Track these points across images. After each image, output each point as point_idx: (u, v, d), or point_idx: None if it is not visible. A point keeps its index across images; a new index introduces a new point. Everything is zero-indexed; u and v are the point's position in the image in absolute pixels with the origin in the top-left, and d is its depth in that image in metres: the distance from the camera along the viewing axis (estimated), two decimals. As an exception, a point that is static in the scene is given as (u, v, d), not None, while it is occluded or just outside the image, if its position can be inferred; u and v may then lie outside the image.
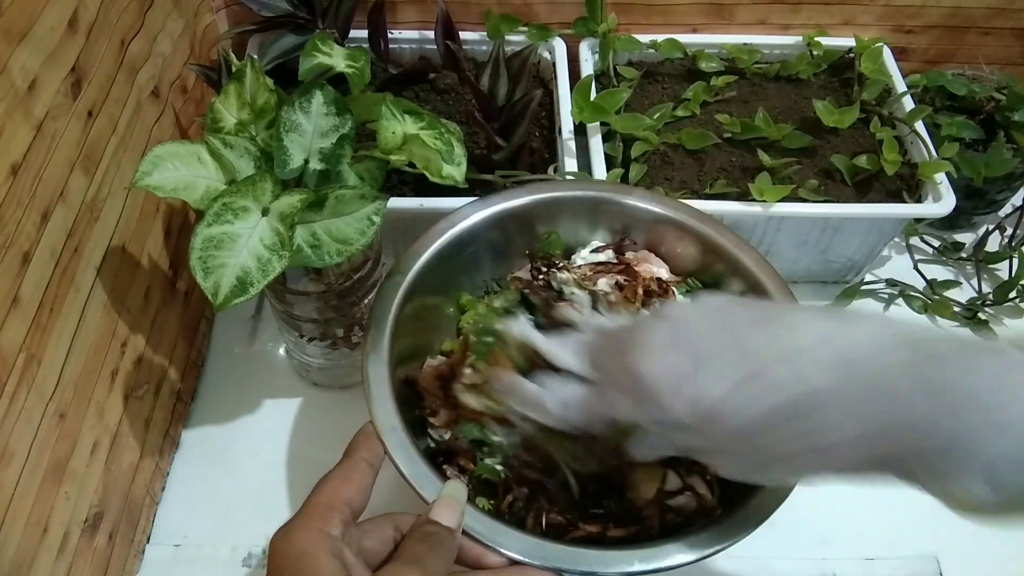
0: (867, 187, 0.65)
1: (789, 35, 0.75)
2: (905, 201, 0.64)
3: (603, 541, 0.45)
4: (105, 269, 0.49)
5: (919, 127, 0.66)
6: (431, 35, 0.71)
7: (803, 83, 0.73)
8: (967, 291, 0.71)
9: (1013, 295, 0.68)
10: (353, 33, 0.69)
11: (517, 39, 0.72)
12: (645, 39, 0.72)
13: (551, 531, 0.46)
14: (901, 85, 0.70)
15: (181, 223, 0.61)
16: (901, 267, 0.71)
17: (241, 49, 0.70)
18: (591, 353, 0.43)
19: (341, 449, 0.43)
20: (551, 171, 0.62)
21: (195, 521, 0.56)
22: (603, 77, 0.72)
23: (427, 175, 0.51)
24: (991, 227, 0.71)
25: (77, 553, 0.46)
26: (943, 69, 0.74)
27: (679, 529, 0.45)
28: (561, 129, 0.66)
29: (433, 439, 0.49)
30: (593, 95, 0.66)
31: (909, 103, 0.68)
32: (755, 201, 0.61)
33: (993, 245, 0.72)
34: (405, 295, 0.50)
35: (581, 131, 0.66)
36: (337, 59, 0.51)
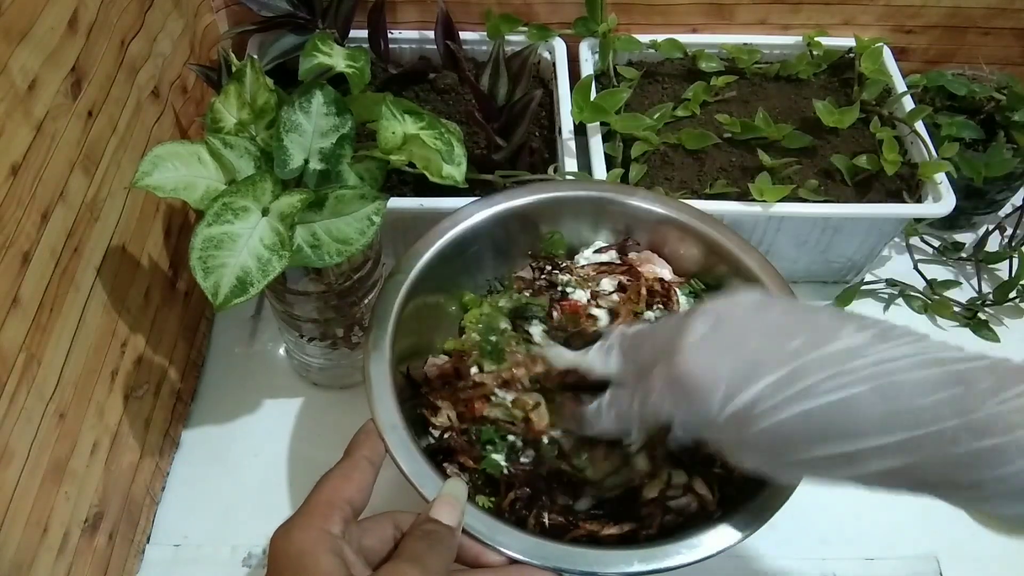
0: (867, 187, 0.65)
1: (789, 35, 0.75)
2: (905, 201, 0.64)
3: (602, 540, 0.45)
4: (105, 269, 0.49)
5: (919, 127, 0.66)
6: (431, 35, 0.71)
7: (803, 83, 0.73)
8: (967, 291, 0.71)
9: (1013, 295, 0.68)
10: (353, 33, 0.69)
11: (517, 39, 0.72)
12: (645, 39, 0.72)
13: (552, 531, 0.45)
14: (901, 85, 0.70)
15: (181, 223, 0.61)
16: (901, 267, 0.71)
17: (241, 49, 0.70)
18: (627, 355, 0.43)
19: (341, 449, 0.43)
20: (551, 171, 0.62)
21: (195, 521, 0.56)
22: (603, 77, 0.72)
23: (427, 175, 0.51)
24: (991, 227, 0.71)
25: (77, 553, 0.46)
26: (943, 69, 0.74)
27: (679, 529, 0.45)
28: (561, 129, 0.66)
29: (433, 437, 0.49)
30: (593, 95, 0.66)
31: (909, 103, 0.68)
32: (755, 201, 0.61)
33: (993, 245, 0.72)
34: (407, 294, 0.50)
35: (581, 131, 0.66)
36: (337, 59, 0.51)
